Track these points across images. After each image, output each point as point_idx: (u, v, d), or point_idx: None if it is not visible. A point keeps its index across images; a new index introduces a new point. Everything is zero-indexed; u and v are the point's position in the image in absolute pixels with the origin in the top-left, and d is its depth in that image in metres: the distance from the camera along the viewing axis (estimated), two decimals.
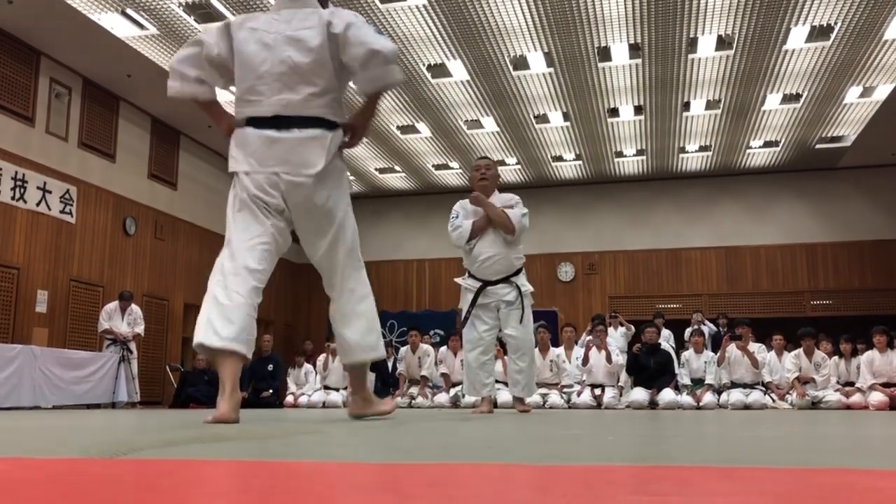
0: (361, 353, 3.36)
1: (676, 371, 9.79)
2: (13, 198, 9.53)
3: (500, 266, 5.47)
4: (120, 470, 1.31)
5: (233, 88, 3.27)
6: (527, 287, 5.56)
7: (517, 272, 5.54)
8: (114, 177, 11.40)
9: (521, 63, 10.42)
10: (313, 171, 3.08)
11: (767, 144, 13.63)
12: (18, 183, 9.61)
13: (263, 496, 0.90)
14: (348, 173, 3.27)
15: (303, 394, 11.11)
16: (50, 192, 10.10)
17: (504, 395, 8.16)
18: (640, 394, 9.29)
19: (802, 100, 11.54)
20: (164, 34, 9.55)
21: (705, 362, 9.80)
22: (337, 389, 11.02)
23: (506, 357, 6.13)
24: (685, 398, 9.37)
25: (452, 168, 14.83)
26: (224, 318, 2.92)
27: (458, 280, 5.73)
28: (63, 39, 9.73)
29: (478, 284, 5.49)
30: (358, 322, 3.35)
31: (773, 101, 11.62)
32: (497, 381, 7.76)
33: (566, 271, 15.49)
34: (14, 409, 7.64)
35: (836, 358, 9.85)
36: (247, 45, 3.15)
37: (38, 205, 9.90)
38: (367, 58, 3.06)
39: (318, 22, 3.13)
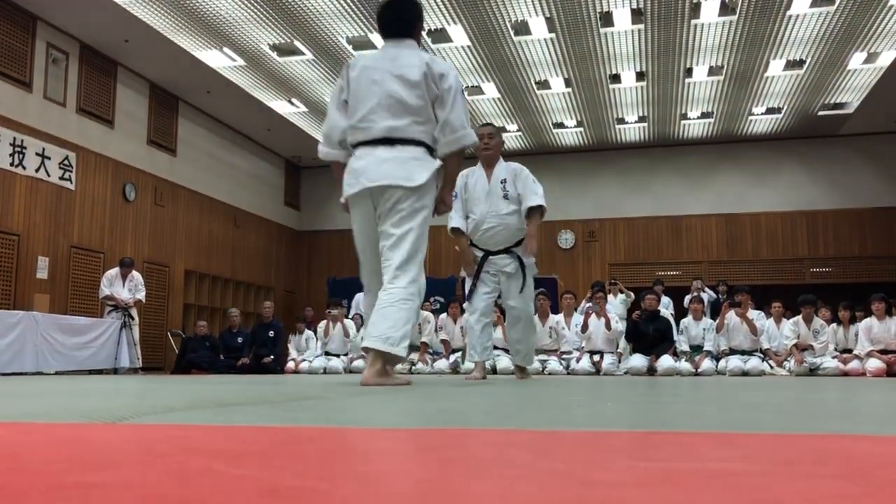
0: (381, 343, 3.53)
1: (675, 338, 9.83)
2: (12, 164, 9.49)
3: (501, 237, 5.46)
4: (122, 435, 1.31)
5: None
6: (529, 259, 5.54)
7: (519, 243, 5.51)
8: (113, 143, 11.35)
9: (522, 28, 10.31)
10: (414, 183, 3.62)
11: (770, 111, 13.55)
12: (17, 149, 9.57)
13: (263, 461, 0.91)
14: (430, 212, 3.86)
15: (304, 360, 11.17)
16: (49, 159, 10.07)
17: (504, 362, 8.20)
18: (638, 360, 9.34)
19: (806, 66, 11.44)
20: None
21: (704, 329, 9.84)
22: (338, 355, 11.08)
23: (505, 325, 6.15)
24: (684, 365, 9.41)
25: None
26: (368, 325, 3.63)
27: (459, 247, 5.72)
28: (59, 3, 9.62)
29: (480, 253, 5.50)
30: (392, 316, 3.56)
31: (776, 67, 11.52)
32: (497, 348, 7.78)
33: (566, 238, 15.49)
34: (16, 374, 7.69)
35: (834, 325, 9.88)
36: (359, 83, 3.74)
37: (37, 171, 9.87)
38: (443, 126, 3.73)
39: (418, 63, 3.71)
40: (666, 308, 11.06)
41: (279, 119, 13.75)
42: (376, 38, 10.45)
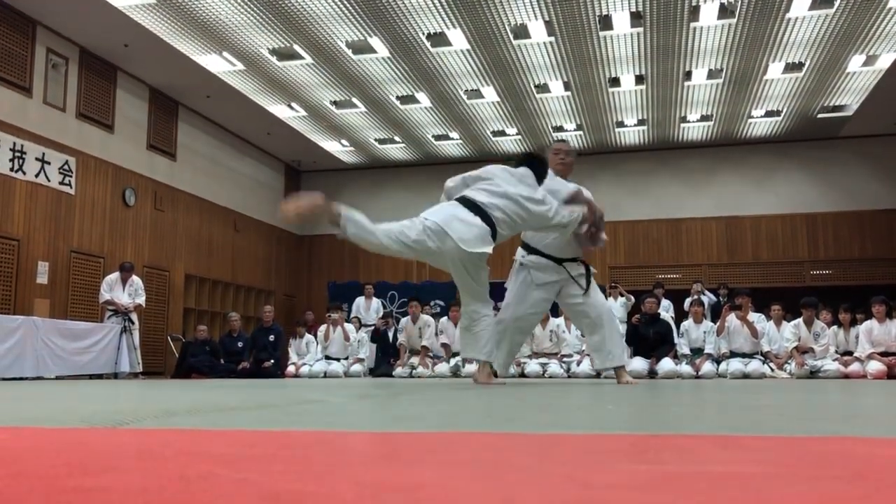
0: (478, 353, 5.07)
1: (676, 341, 9.82)
2: (12, 169, 9.49)
3: (570, 248, 5.61)
4: (122, 439, 1.31)
5: None
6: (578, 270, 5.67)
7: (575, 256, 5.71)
8: (112, 148, 11.35)
9: (521, 32, 10.32)
10: (470, 250, 4.62)
11: (769, 114, 13.55)
12: (17, 154, 9.57)
13: (264, 465, 0.91)
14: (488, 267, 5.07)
15: (304, 364, 11.16)
16: (49, 164, 10.07)
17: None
18: (639, 363, 9.33)
19: (805, 69, 11.45)
20: (161, 3, 9.43)
21: (704, 332, 9.83)
22: (338, 359, 11.07)
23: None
24: (684, 368, 9.41)
25: (452, 139, 14.76)
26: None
27: (519, 257, 5.66)
28: (59, 8, 9.62)
29: (545, 261, 5.51)
30: (480, 333, 5.03)
31: (775, 69, 11.52)
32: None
33: None
34: (17, 379, 7.68)
35: (834, 327, 9.86)
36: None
37: (37, 176, 9.87)
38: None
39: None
40: (666, 311, 11.06)
41: (279, 123, 13.75)
42: (376, 42, 10.46)
